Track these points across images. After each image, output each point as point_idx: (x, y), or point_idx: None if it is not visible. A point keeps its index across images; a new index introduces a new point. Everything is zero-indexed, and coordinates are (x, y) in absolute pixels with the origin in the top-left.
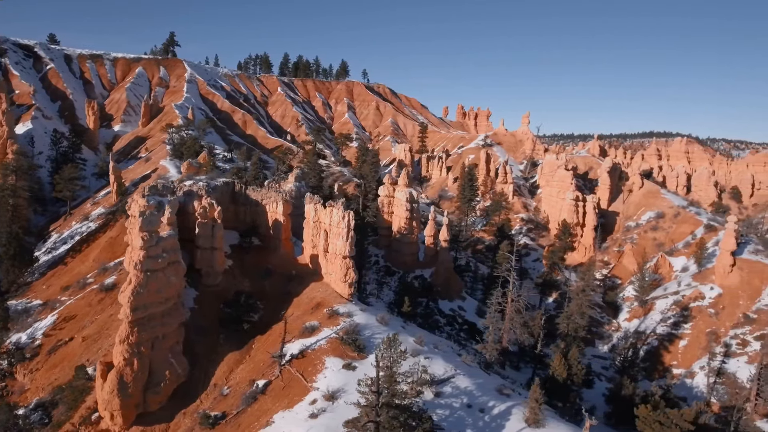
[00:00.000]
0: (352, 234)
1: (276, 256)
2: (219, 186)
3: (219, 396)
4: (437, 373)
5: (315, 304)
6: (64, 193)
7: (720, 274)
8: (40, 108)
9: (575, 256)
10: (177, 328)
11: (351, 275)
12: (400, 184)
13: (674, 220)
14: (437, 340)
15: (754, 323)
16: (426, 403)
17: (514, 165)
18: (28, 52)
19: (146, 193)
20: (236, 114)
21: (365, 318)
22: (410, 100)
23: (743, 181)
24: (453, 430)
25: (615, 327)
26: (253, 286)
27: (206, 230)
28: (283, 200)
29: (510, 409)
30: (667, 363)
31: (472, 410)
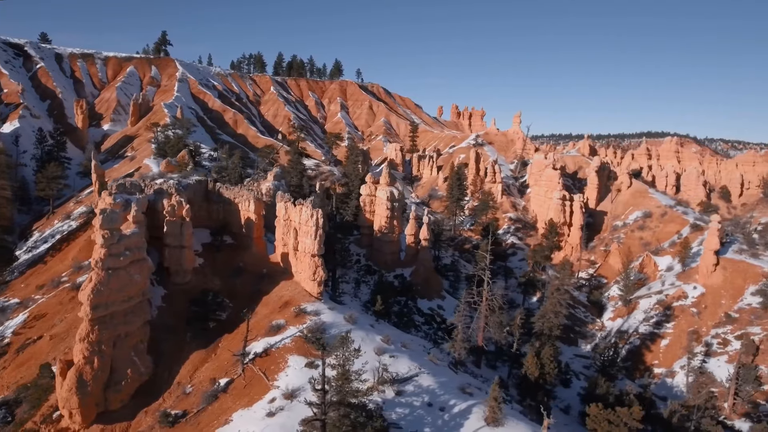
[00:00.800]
0: (321, 232)
1: (248, 255)
2: (191, 184)
3: (182, 394)
4: (401, 372)
5: (283, 302)
6: (46, 192)
7: (703, 274)
8: (28, 107)
9: (562, 255)
10: (142, 326)
11: (320, 274)
12: (381, 183)
13: (661, 220)
14: (408, 339)
15: (735, 322)
16: (386, 402)
17: (504, 165)
18: (18, 51)
19: (113, 191)
20: (227, 113)
21: (333, 316)
22: (404, 99)
23: (732, 180)
24: (411, 429)
25: (599, 326)
26: (224, 285)
27: (174, 228)
28: (255, 199)
29: (471, 408)
30: (648, 362)
31: (432, 409)
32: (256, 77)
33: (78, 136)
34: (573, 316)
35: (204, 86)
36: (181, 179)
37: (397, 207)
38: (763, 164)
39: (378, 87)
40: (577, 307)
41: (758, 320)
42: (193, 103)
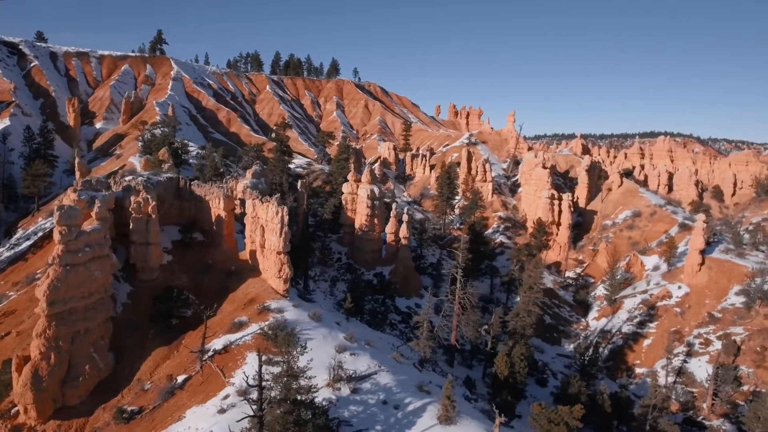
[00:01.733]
0: (286, 230)
1: (218, 252)
2: (162, 181)
3: (140, 391)
4: (360, 370)
5: (249, 299)
6: (31, 190)
7: (688, 273)
8: (20, 105)
9: (550, 254)
10: (103, 322)
11: (285, 271)
12: (363, 181)
13: (650, 219)
14: (376, 337)
15: (718, 322)
16: (340, 399)
17: (497, 164)
18: (12, 49)
19: (78, 187)
20: (221, 112)
21: (297, 314)
22: (401, 98)
23: (725, 180)
24: (362, 426)
25: (584, 326)
26: (191, 282)
27: (140, 225)
28: (225, 196)
29: (426, 406)
30: (630, 362)
31: (386, 407)
32: (253, 76)
33: (70, 134)
34: (557, 316)
35: (199, 85)
36: (151, 176)
37: (378, 205)
38: (756, 164)
39: (375, 86)
40: (563, 307)
41: (741, 320)
42: (186, 101)
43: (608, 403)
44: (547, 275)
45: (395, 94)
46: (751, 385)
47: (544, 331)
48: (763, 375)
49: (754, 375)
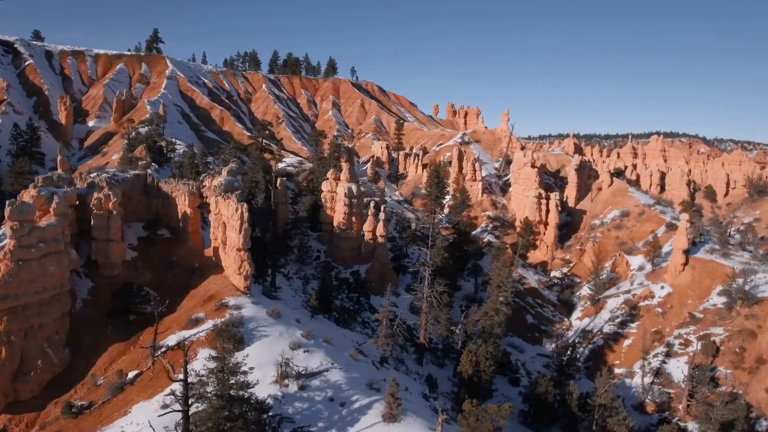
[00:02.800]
0: (246, 226)
1: (184, 249)
2: (129, 178)
3: (93, 386)
4: (311, 367)
5: (208, 296)
6: (14, 187)
7: (671, 273)
8: (12, 103)
9: (537, 254)
10: (59, 318)
11: (246, 268)
12: (342, 179)
13: (638, 219)
14: (340, 335)
15: (699, 323)
16: (286, 396)
17: (489, 163)
18: (7, 48)
19: (39, 184)
20: (214, 110)
21: (254, 311)
22: (399, 97)
23: (718, 180)
24: (304, 423)
25: (566, 325)
26: (155, 278)
27: (101, 221)
28: (189, 193)
29: (372, 404)
30: (610, 362)
31: (332, 404)
32: (249, 75)
33: (62, 132)
34: (540, 315)
35: (194, 84)
36: (117, 173)
37: (356, 203)
38: (749, 164)
39: (372, 85)
40: (546, 306)
41: (722, 321)
42: (180, 100)
43: (575, 404)
44: (532, 275)
45: (393, 93)
46: (728, 386)
47: (525, 330)
48: (740, 376)
49: (731, 376)
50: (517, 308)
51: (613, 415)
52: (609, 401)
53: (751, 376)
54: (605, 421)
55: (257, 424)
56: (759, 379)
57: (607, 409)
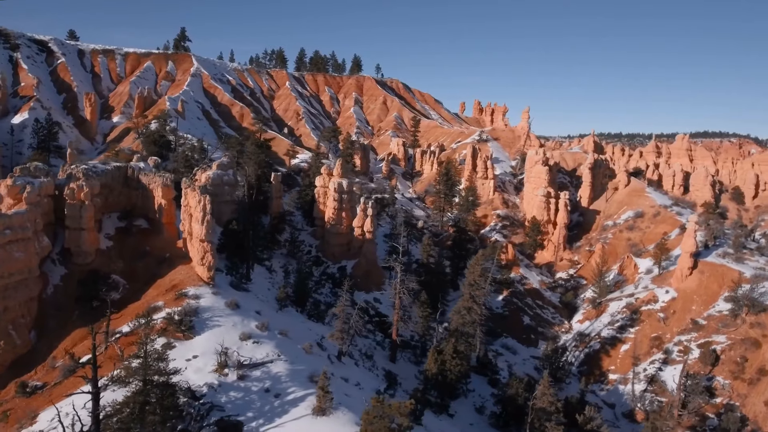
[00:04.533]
0: (209, 218)
1: (159, 239)
2: (109, 170)
3: (50, 368)
4: (256, 357)
5: (171, 285)
6: None
7: (677, 277)
8: (40, 99)
9: (544, 254)
10: (25, 302)
11: (209, 259)
12: (334, 174)
13: (653, 220)
14: (304, 328)
15: (701, 330)
16: (223, 385)
17: (506, 161)
18: (42, 47)
19: (16, 174)
20: (234, 107)
21: (213, 301)
22: (424, 95)
23: (747, 181)
24: (234, 412)
25: (566, 328)
26: (127, 267)
27: (74, 211)
28: (163, 185)
29: (306, 397)
30: (605, 367)
31: (267, 395)
32: (274, 72)
33: (87, 127)
34: (538, 317)
35: (217, 81)
36: (97, 165)
37: (347, 199)
38: None
39: (397, 82)
40: (546, 308)
41: (725, 328)
42: (203, 96)
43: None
44: (535, 275)
45: (418, 90)
46: (725, 398)
47: (521, 331)
48: (739, 387)
49: (729, 387)
50: (515, 309)
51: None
52: (548, 405)
53: (751, 387)
54: (543, 425)
55: (174, 409)
56: (759, 392)
57: (546, 413)
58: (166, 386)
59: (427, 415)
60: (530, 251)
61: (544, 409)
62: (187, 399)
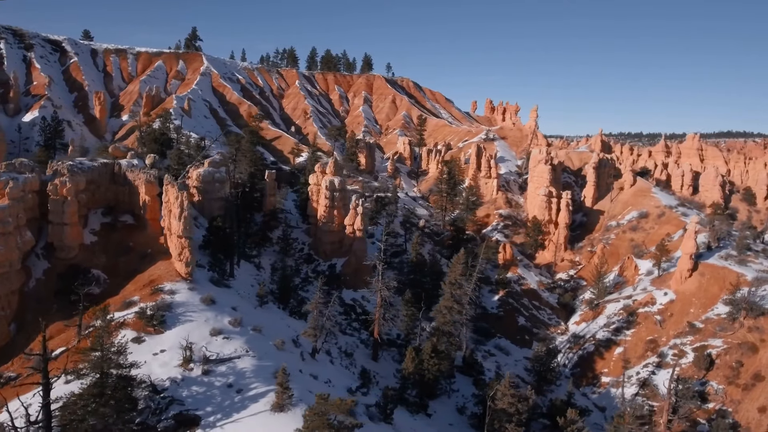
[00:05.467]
0: (186, 214)
1: (143, 235)
2: (96, 167)
3: (26, 360)
4: (224, 353)
5: (149, 281)
6: None
7: (676, 279)
8: (51, 98)
9: (545, 254)
10: (7, 294)
11: (186, 254)
12: (327, 172)
13: (657, 221)
14: (282, 325)
15: (697, 333)
16: (186, 379)
17: (512, 160)
18: (56, 46)
19: (1, 169)
20: (243, 106)
21: (188, 297)
22: (435, 93)
23: (759, 181)
24: (193, 406)
25: (562, 329)
26: (109, 262)
27: (56, 206)
28: (146, 181)
29: (268, 393)
30: (598, 370)
31: (229, 390)
32: (284, 71)
33: (96, 125)
34: (534, 318)
35: (227, 80)
36: (84, 161)
37: (339, 197)
38: None
39: (408, 81)
40: (543, 309)
41: (722, 332)
42: (211, 95)
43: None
44: (534, 275)
45: (429, 89)
46: (718, 403)
47: (515, 332)
48: (733, 393)
49: (723, 392)
50: (510, 309)
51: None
52: (507, 405)
53: (745, 393)
54: (503, 426)
55: (129, 402)
56: (753, 398)
57: (506, 414)
58: (123, 379)
59: (401, 414)
60: (531, 251)
61: (504, 410)
62: (148, 392)
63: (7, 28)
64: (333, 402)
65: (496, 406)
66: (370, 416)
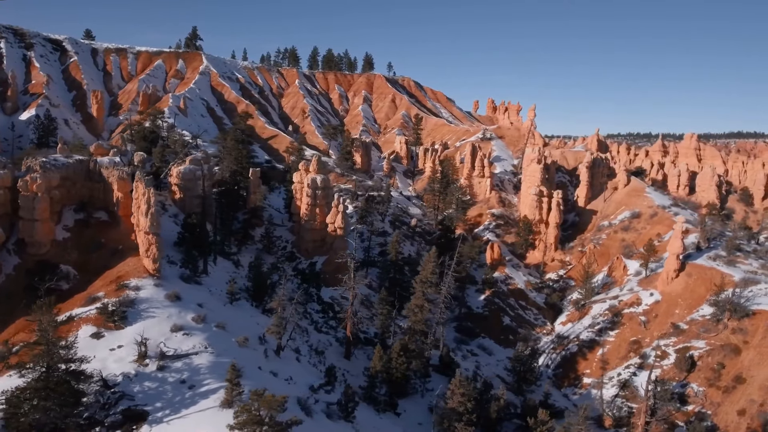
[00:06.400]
0: (153, 210)
1: (116, 232)
2: (71, 163)
3: None
4: (182, 349)
5: (117, 276)
6: None
7: (663, 280)
8: (48, 96)
9: (536, 254)
10: None
11: (153, 251)
12: (310, 170)
13: (649, 221)
14: (252, 323)
15: (681, 334)
16: (139, 374)
17: (508, 159)
18: (56, 45)
19: None
20: (240, 105)
21: (153, 293)
22: (436, 93)
23: (756, 181)
24: (143, 401)
25: (548, 330)
26: (81, 258)
27: (27, 202)
28: (119, 178)
29: (219, 389)
30: (580, 371)
31: (182, 386)
32: (284, 71)
33: (94, 124)
34: (520, 318)
35: (226, 79)
36: (58, 158)
37: (321, 195)
38: None
39: (409, 80)
40: (529, 309)
41: (706, 333)
42: (209, 94)
43: (494, 409)
44: (522, 275)
45: (430, 89)
46: (697, 405)
47: (499, 332)
48: (713, 395)
49: (703, 394)
50: (496, 309)
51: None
52: (457, 404)
53: (725, 395)
54: (452, 425)
55: (73, 396)
56: (733, 400)
57: (456, 413)
58: (71, 374)
59: (367, 412)
60: (522, 251)
61: (454, 409)
62: (98, 387)
63: (8, 27)
64: (265, 398)
65: (447, 405)
66: (329, 414)
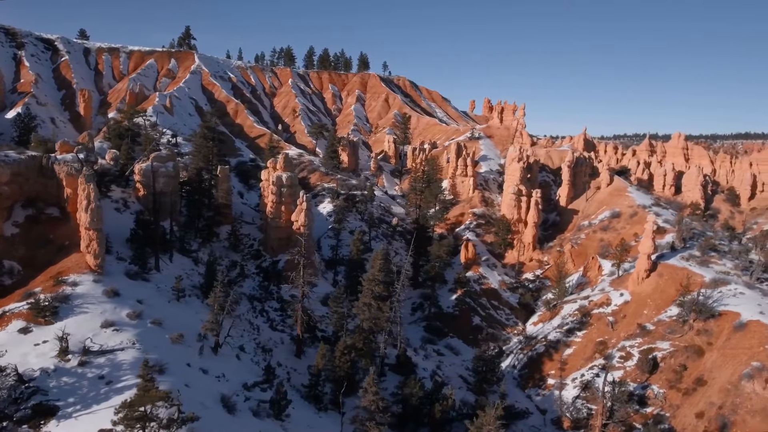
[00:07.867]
0: (93, 206)
1: (65, 228)
2: (23, 159)
3: None
4: (109, 344)
5: (58, 272)
6: None
7: (633, 280)
8: (36, 95)
9: (513, 254)
10: None
11: (94, 246)
12: (277, 168)
13: (629, 221)
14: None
15: (647, 335)
16: (58, 369)
17: (495, 159)
18: (48, 45)
19: None
20: (230, 104)
21: (90, 289)
22: (431, 93)
23: (743, 181)
24: (55, 397)
25: (519, 330)
26: (28, 254)
27: None
28: (67, 174)
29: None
30: (545, 372)
31: (100, 381)
32: (278, 70)
33: (82, 122)
34: (490, 318)
35: (217, 78)
36: (9, 153)
37: (286, 192)
38: None
39: (404, 80)
40: (501, 309)
41: (671, 335)
42: (199, 93)
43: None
44: (497, 275)
45: (425, 88)
46: (656, 407)
47: (468, 332)
48: (673, 397)
49: (663, 396)
50: (466, 309)
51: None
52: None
53: (685, 398)
54: (364, 424)
55: None
56: (692, 403)
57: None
58: None
59: (305, 410)
60: (500, 251)
61: (366, 408)
62: (13, 382)
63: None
64: (149, 393)
65: (360, 403)
66: (256, 412)
